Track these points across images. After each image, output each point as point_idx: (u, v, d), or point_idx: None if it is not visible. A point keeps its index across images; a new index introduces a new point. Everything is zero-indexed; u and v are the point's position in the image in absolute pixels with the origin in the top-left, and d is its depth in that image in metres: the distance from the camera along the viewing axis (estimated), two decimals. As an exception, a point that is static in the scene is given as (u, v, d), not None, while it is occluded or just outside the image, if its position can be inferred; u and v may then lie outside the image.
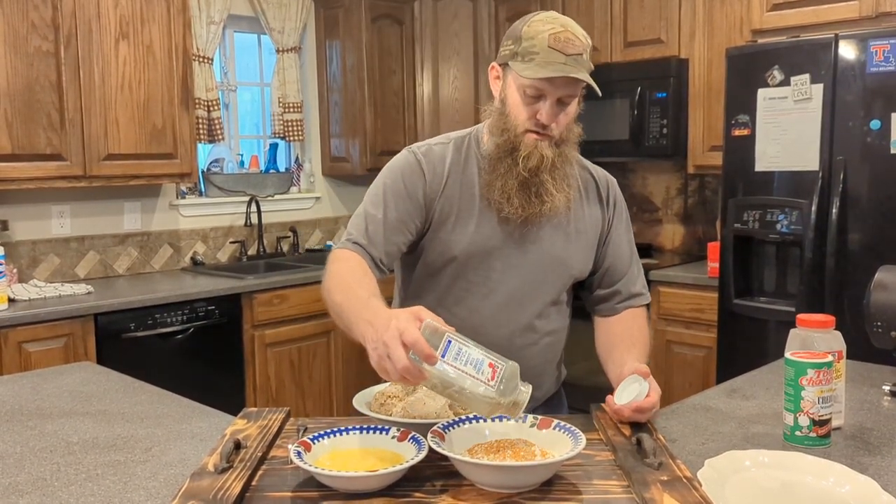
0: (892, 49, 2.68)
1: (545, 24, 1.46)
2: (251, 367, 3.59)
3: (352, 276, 1.44)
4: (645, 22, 3.84)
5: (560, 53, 1.44)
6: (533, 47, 1.45)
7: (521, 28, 1.49)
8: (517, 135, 1.51)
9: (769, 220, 3.03)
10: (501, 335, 1.58)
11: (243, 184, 4.25)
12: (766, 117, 3.00)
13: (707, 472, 1.18)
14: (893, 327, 1.58)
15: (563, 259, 1.62)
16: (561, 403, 1.79)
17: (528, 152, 1.50)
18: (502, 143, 1.53)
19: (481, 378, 1.13)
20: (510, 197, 1.53)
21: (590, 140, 4.27)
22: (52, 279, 3.54)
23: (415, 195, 1.56)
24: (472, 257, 1.56)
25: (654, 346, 3.60)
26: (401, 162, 1.59)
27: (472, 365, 1.14)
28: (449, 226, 1.57)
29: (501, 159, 1.53)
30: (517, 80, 1.49)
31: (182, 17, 3.54)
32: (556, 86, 1.46)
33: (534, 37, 1.45)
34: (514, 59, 1.48)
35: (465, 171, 1.59)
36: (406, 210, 1.55)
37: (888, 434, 1.43)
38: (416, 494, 1.12)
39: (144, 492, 1.22)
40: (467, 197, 1.57)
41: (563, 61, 1.43)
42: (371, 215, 1.55)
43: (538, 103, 1.49)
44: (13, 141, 3.09)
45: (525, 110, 1.50)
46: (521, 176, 1.51)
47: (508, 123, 1.52)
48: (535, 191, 1.52)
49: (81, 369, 2.03)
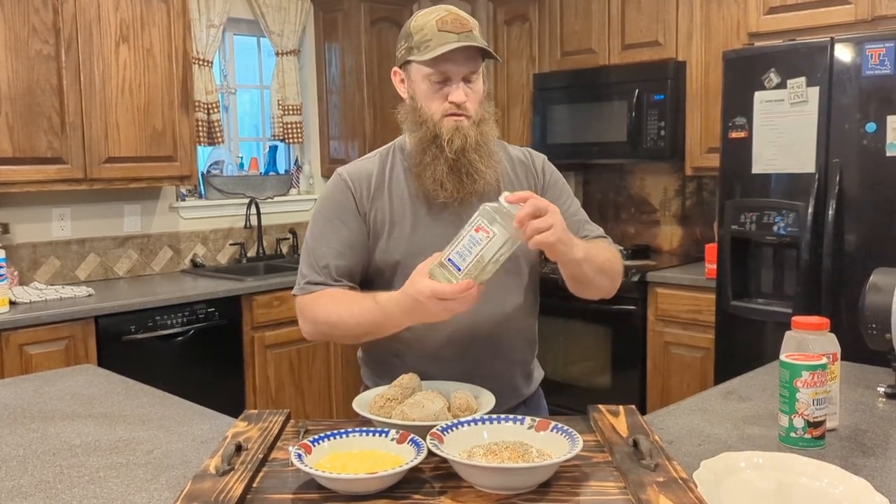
0: (888, 52, 2.70)
1: (430, 15, 1.54)
2: (251, 369, 3.60)
3: (341, 302, 1.52)
4: (642, 24, 3.86)
5: (451, 34, 1.51)
6: (425, 36, 1.52)
7: (409, 25, 1.57)
8: (435, 122, 1.55)
9: (766, 221, 3.04)
10: (464, 329, 1.58)
11: (243, 186, 4.27)
12: (763, 120, 3.02)
13: (703, 474, 1.19)
14: (888, 329, 1.60)
15: None
16: (540, 405, 1.79)
17: (451, 136, 1.54)
18: (423, 134, 1.56)
19: (486, 241, 1.32)
20: (443, 182, 1.55)
21: (588, 142, 4.32)
22: (52, 281, 3.55)
23: (350, 215, 1.60)
24: (415, 258, 1.56)
25: (652, 348, 3.62)
26: (330, 189, 1.64)
27: (474, 245, 1.33)
28: (385, 234, 1.60)
29: (426, 150, 1.56)
30: (421, 71, 1.54)
31: (182, 21, 3.55)
32: (458, 63, 1.52)
33: (423, 27, 1.53)
34: (411, 54, 1.54)
35: (392, 179, 1.62)
36: (348, 234, 1.59)
37: (882, 436, 1.45)
38: (416, 496, 1.13)
39: (146, 494, 1.23)
40: (398, 203, 1.60)
41: (455, 39, 1.50)
42: (318, 249, 1.59)
43: (446, 87, 1.54)
44: (14, 144, 3.11)
45: (436, 97, 1.55)
46: (448, 160, 1.54)
47: (424, 115, 1.56)
48: (465, 171, 1.55)
49: (83, 372, 2.04)
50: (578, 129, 4.07)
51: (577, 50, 4.12)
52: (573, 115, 4.09)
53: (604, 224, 1.77)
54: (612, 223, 4.43)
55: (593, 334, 3.68)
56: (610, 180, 4.44)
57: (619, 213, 4.44)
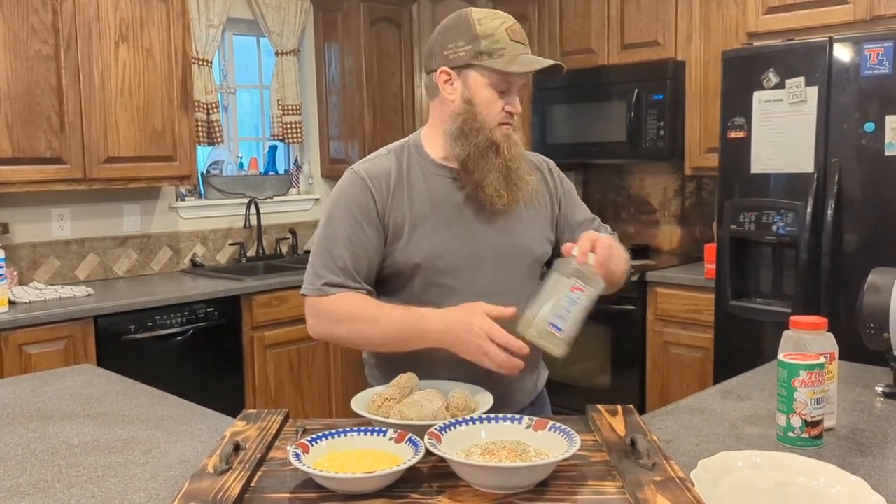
0: (886, 52, 2.70)
1: (495, 20, 1.53)
2: (250, 369, 3.61)
3: (368, 307, 1.53)
4: (642, 24, 3.86)
5: (522, 45, 1.53)
6: (497, 43, 1.51)
7: (474, 27, 1.52)
8: (491, 129, 1.55)
9: (765, 221, 3.04)
10: None
11: (242, 186, 4.27)
12: (762, 119, 3.02)
13: (700, 473, 1.19)
14: (886, 329, 1.60)
15: (524, 246, 1.64)
16: (545, 405, 1.79)
17: (507, 144, 1.55)
18: (481, 141, 1.54)
19: (585, 299, 1.38)
20: (499, 191, 1.56)
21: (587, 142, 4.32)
22: (52, 281, 3.55)
23: (369, 217, 1.57)
24: (436, 260, 1.57)
25: (652, 347, 3.62)
26: (347, 188, 1.60)
27: (573, 305, 1.37)
28: (405, 235, 1.57)
29: (483, 157, 1.55)
30: (489, 77, 1.53)
31: (181, 21, 3.56)
32: (522, 75, 1.54)
33: (493, 33, 1.51)
34: (480, 59, 1.52)
35: (411, 179, 1.60)
36: (366, 237, 1.56)
37: (880, 435, 1.45)
38: (414, 495, 1.14)
39: (145, 493, 1.24)
40: (419, 203, 1.58)
41: (526, 52, 1.52)
42: (337, 253, 1.55)
43: (506, 96, 1.55)
44: (13, 144, 3.11)
45: (495, 105, 1.55)
46: (505, 168, 1.55)
47: (481, 122, 1.54)
48: (515, 178, 1.57)
49: (82, 371, 2.04)
50: (578, 129, 4.07)
51: (576, 50, 4.13)
52: (573, 115, 4.09)
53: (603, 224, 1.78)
54: (612, 223, 4.39)
55: (593, 334, 3.68)
56: (609, 180, 4.45)
57: (618, 212, 4.44)
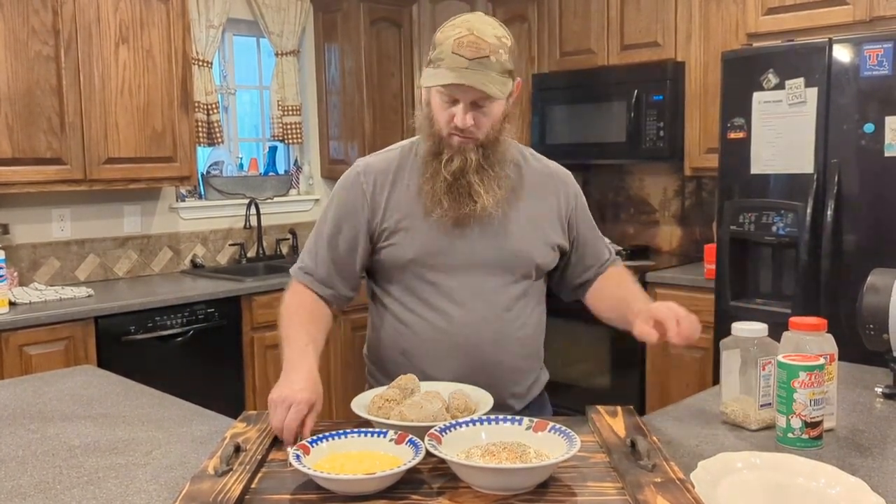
0: (886, 53, 2.70)
1: (454, 29, 1.50)
2: (251, 370, 3.61)
3: (294, 310, 1.63)
4: (641, 25, 3.86)
5: (462, 58, 1.46)
6: (441, 53, 1.49)
7: (437, 33, 1.54)
8: (442, 137, 1.55)
9: (765, 222, 3.04)
10: (469, 333, 1.60)
11: (242, 186, 4.27)
12: (762, 120, 3.02)
13: (700, 474, 1.20)
14: (885, 330, 1.60)
15: (518, 251, 1.63)
16: (544, 408, 1.80)
17: (451, 155, 1.54)
18: (429, 147, 1.57)
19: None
20: (440, 200, 1.55)
21: (587, 142, 4.32)
22: (52, 282, 3.55)
23: (358, 213, 1.62)
24: (428, 257, 1.59)
25: (652, 348, 3.62)
26: (345, 183, 1.67)
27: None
28: (401, 231, 1.60)
29: (429, 163, 1.57)
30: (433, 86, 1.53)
31: (181, 21, 3.56)
32: (464, 90, 1.49)
33: (442, 42, 1.50)
34: (427, 66, 1.54)
35: (411, 176, 1.62)
36: (353, 231, 1.62)
37: (880, 436, 1.45)
38: (414, 497, 1.14)
39: (145, 495, 1.24)
40: (415, 201, 1.60)
41: (465, 66, 1.46)
42: (322, 244, 1.66)
43: (455, 107, 1.51)
44: (14, 145, 3.11)
45: (443, 114, 1.53)
46: (446, 179, 1.54)
47: (433, 127, 1.56)
48: (464, 192, 1.55)
49: (82, 372, 2.04)
50: (577, 129, 4.07)
51: (576, 50, 4.13)
52: (572, 116, 4.09)
53: (603, 224, 1.79)
54: (612, 223, 4.43)
55: (592, 335, 3.68)
56: (609, 181, 4.45)
57: (618, 213, 4.44)
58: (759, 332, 1.48)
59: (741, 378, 1.49)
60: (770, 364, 1.45)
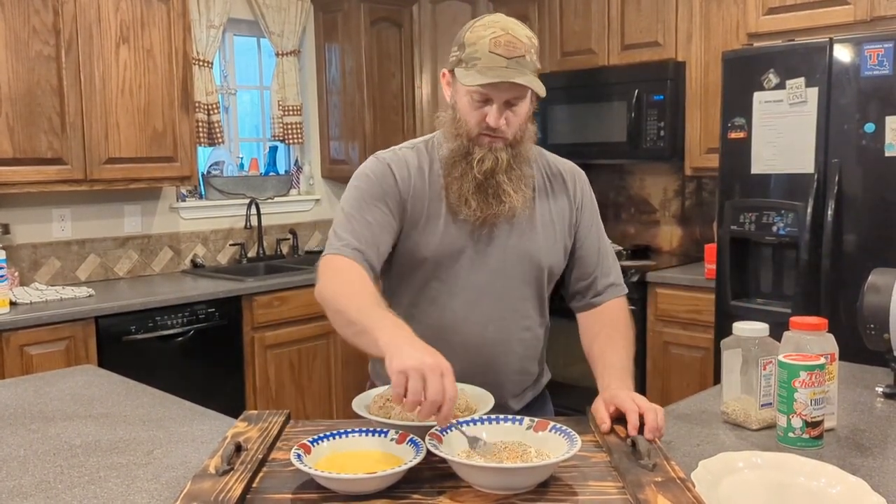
0: (887, 53, 2.70)
1: (487, 29, 1.49)
2: (251, 369, 3.61)
3: (358, 285, 1.46)
4: (642, 25, 3.86)
5: (501, 58, 1.46)
6: (475, 53, 1.48)
7: (465, 34, 1.52)
8: (470, 139, 1.54)
9: (765, 222, 3.04)
10: (474, 332, 1.60)
11: (243, 186, 4.27)
12: (762, 120, 3.02)
13: (701, 473, 1.20)
14: (886, 329, 1.60)
15: (531, 253, 1.63)
16: (545, 408, 1.80)
17: (482, 155, 1.53)
18: (456, 147, 1.56)
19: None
20: (467, 199, 1.55)
21: (587, 142, 4.31)
22: (53, 282, 3.56)
23: (390, 197, 1.58)
24: (443, 257, 1.59)
25: (652, 348, 3.62)
26: (371, 168, 1.62)
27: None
28: (419, 228, 1.59)
29: (457, 163, 1.56)
30: (464, 86, 1.51)
31: (182, 22, 3.56)
32: (500, 90, 1.49)
33: (475, 42, 1.49)
34: (458, 66, 1.52)
35: (430, 174, 1.61)
36: (385, 213, 1.57)
37: (880, 435, 1.45)
38: (415, 496, 1.14)
39: (147, 494, 1.24)
40: (434, 199, 1.59)
41: (504, 65, 1.46)
42: (357, 219, 1.56)
43: (486, 107, 1.51)
44: (14, 145, 3.11)
45: (474, 115, 1.52)
46: (476, 179, 1.54)
47: (461, 128, 1.55)
48: (492, 192, 1.54)
49: (83, 372, 2.05)
50: (578, 129, 4.07)
51: (576, 50, 4.13)
52: (573, 116, 4.09)
53: (603, 224, 1.77)
54: (612, 223, 4.43)
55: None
56: (610, 180, 4.45)
57: (618, 213, 4.44)
58: (760, 332, 1.48)
59: (742, 378, 1.49)
60: (771, 364, 1.45)
